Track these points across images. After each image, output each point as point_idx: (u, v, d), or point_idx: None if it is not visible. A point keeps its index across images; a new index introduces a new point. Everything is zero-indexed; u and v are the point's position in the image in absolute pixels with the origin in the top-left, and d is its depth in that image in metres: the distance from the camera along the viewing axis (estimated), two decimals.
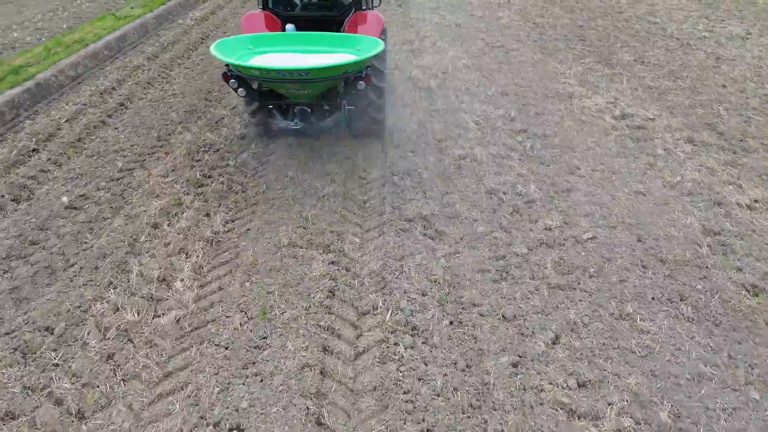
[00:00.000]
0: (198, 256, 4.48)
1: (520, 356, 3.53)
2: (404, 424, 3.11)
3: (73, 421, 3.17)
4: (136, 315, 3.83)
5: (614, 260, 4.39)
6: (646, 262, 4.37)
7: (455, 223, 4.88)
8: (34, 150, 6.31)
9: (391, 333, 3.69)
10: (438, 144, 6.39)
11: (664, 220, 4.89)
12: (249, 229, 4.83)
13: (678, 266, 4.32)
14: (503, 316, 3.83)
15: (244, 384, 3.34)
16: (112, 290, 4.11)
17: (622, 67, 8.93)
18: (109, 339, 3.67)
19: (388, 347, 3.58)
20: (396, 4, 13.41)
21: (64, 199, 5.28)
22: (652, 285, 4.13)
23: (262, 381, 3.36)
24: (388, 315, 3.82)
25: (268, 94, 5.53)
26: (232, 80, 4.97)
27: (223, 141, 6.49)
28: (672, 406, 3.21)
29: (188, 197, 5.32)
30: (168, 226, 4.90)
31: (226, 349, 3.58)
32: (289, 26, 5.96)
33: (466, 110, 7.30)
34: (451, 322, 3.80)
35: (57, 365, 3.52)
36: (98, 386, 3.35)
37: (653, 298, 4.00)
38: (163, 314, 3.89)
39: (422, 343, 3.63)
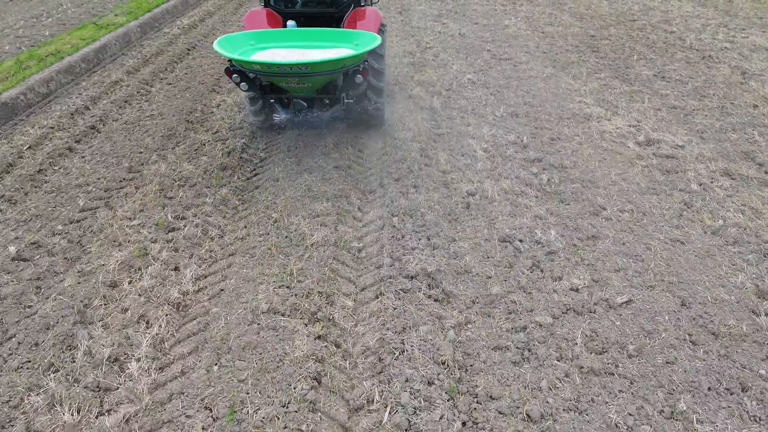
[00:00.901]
0: (160, 326, 3.76)
1: None
2: None
3: None
4: (75, 414, 3.11)
5: (657, 333, 3.67)
6: (695, 336, 3.65)
7: (465, 282, 4.16)
8: None
9: None
10: (443, 176, 5.67)
11: (710, 278, 4.17)
12: (223, 290, 4.11)
13: (734, 342, 3.61)
14: (528, 416, 3.11)
15: None
16: (51, 376, 3.39)
17: (641, 83, 8.22)
18: None
19: None
20: (396, 12, 12.72)
21: (11, 249, 4.56)
22: (706, 369, 3.41)
23: None
24: (387, 414, 3.10)
25: (269, 88, 5.65)
26: (235, 75, 5.13)
27: (202, 173, 5.77)
28: None
29: (156, 246, 4.59)
30: (128, 284, 4.18)
31: None
32: (290, 23, 6.00)
33: (473, 135, 6.59)
34: (464, 424, 3.08)
35: None
36: None
37: (709, 389, 3.28)
38: (109, 411, 3.17)
39: None
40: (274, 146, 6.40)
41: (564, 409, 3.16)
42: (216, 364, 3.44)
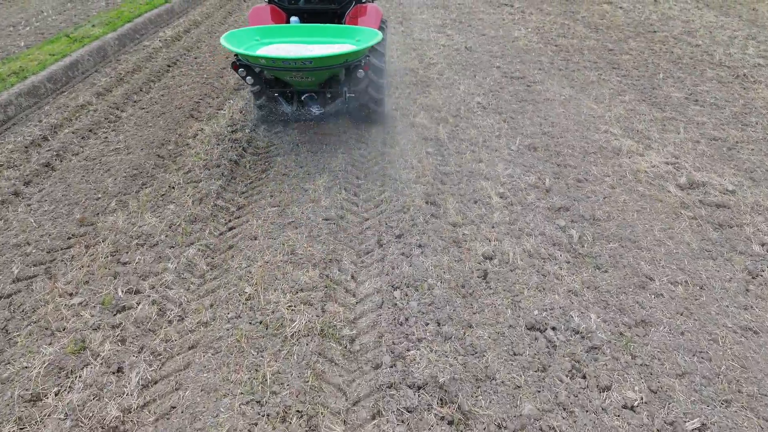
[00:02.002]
0: None
1: None
2: None
3: None
4: None
5: None
6: None
7: (488, 394, 3.25)
8: None
9: None
10: (453, 232, 4.76)
11: None
12: (174, 407, 3.19)
13: None
14: None
15: None
16: None
17: (672, 108, 7.31)
18: None
19: None
20: (396, 21, 11.81)
21: None
22: None
23: None
24: None
25: (273, 82, 5.87)
26: (241, 69, 5.33)
27: (166, 228, 4.85)
28: None
29: (97, 336, 3.68)
30: (55, 396, 3.26)
31: None
32: (294, 19, 6.22)
33: (486, 174, 5.67)
34: None
35: None
36: None
37: None
38: None
39: None
40: (255, 189, 5.49)
41: None
42: None
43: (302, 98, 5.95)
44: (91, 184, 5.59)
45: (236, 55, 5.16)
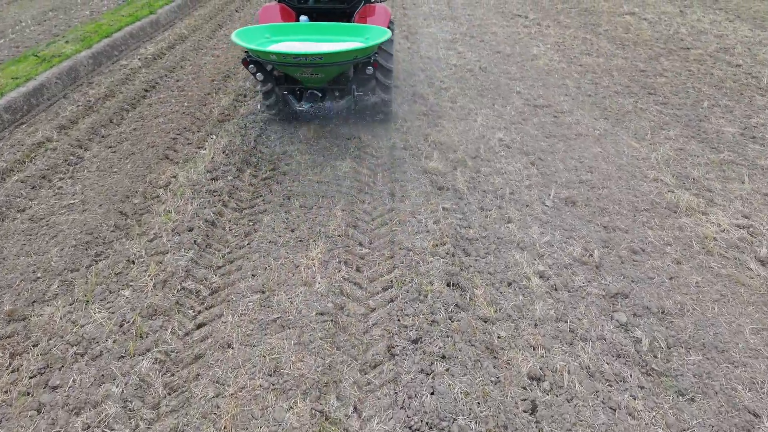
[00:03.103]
0: None
1: None
2: None
3: None
4: None
5: None
6: None
7: None
8: None
9: None
10: (485, 332, 3.70)
11: None
12: None
13: None
14: None
15: None
16: None
17: (728, 146, 6.25)
18: None
19: None
20: (402, 36, 10.74)
21: None
22: None
23: None
24: None
25: (283, 79, 5.96)
26: (251, 65, 5.47)
27: (116, 326, 3.78)
28: None
29: None
30: None
31: None
32: (303, 17, 6.23)
33: (519, 242, 4.61)
34: None
35: None
36: None
37: None
38: None
39: None
40: (234, 264, 4.43)
41: None
42: None
43: (306, 94, 5.93)
44: (32, 256, 4.52)
45: (247, 51, 5.19)
